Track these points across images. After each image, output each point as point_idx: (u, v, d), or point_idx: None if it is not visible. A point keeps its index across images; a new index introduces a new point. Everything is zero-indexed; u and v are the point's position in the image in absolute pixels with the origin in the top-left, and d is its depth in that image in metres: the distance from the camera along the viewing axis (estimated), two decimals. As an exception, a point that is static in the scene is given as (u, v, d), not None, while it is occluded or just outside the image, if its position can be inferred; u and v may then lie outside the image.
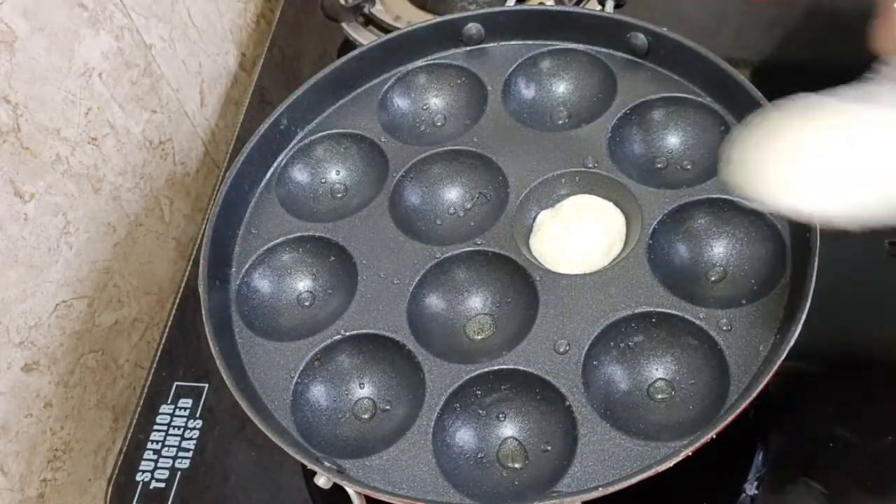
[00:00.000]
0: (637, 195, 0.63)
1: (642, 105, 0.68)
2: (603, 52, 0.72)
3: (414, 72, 0.76)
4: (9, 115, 0.64)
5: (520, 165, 0.67)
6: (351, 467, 0.53)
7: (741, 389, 0.52)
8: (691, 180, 0.64)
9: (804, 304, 0.51)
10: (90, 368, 0.76)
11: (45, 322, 0.70)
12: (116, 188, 0.78)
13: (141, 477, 0.66)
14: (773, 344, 0.53)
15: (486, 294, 0.62)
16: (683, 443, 0.50)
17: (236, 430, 0.67)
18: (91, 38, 0.73)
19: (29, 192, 0.66)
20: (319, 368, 0.59)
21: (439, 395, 0.55)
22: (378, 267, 0.63)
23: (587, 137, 0.67)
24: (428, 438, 0.54)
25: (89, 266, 0.75)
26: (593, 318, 0.57)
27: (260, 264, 0.65)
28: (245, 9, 1.03)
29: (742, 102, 0.63)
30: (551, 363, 0.56)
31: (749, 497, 0.58)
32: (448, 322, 0.62)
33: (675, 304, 0.57)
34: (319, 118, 0.74)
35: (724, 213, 0.61)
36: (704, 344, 0.55)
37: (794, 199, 0.48)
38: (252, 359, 0.60)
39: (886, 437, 0.59)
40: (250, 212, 0.68)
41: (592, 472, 0.51)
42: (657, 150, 0.68)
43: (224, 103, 0.98)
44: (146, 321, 0.84)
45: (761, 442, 0.60)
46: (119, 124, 0.78)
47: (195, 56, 0.91)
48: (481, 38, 0.75)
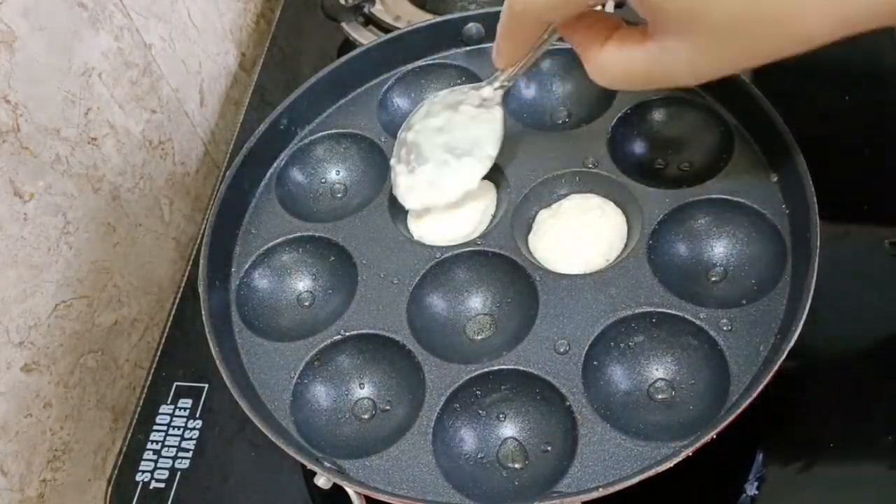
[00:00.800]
0: (637, 195, 0.63)
1: (642, 105, 0.68)
2: (603, 52, 0.72)
3: (414, 72, 0.76)
4: (8, 114, 0.63)
5: (520, 165, 0.67)
6: (351, 467, 0.53)
7: (741, 389, 0.52)
8: (691, 180, 0.64)
9: (804, 304, 0.51)
10: (90, 368, 0.76)
11: (44, 322, 0.70)
12: (116, 188, 0.78)
13: (141, 477, 0.66)
14: (773, 344, 0.53)
15: (486, 294, 0.62)
16: (683, 443, 0.49)
17: (236, 430, 0.67)
18: (91, 37, 0.73)
19: (28, 192, 0.66)
20: (319, 368, 0.59)
21: (439, 395, 0.55)
22: (378, 267, 0.63)
23: (587, 137, 0.67)
24: (428, 438, 0.54)
25: (89, 266, 0.75)
26: (593, 318, 0.57)
27: (260, 264, 0.66)
28: (245, 9, 1.03)
29: (742, 102, 0.63)
30: (551, 363, 0.56)
31: (749, 497, 0.58)
32: (448, 322, 0.62)
33: (675, 304, 0.57)
34: (319, 118, 0.74)
35: (725, 213, 0.61)
36: (704, 344, 0.55)
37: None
38: (252, 359, 0.60)
39: (886, 437, 0.59)
40: (250, 212, 0.68)
41: (592, 473, 0.51)
42: (657, 150, 0.68)
43: (224, 103, 0.98)
44: (146, 321, 0.84)
45: (761, 442, 0.60)
46: (119, 124, 0.78)
47: (195, 56, 0.91)
48: (481, 38, 0.75)
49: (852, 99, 0.78)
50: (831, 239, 0.55)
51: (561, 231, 0.63)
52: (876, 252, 0.67)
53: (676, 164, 0.67)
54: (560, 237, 0.62)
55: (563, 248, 0.62)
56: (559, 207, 0.64)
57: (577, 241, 0.62)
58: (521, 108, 0.73)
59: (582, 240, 0.62)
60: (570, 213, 0.63)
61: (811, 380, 0.63)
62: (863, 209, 0.70)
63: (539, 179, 0.66)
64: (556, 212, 0.64)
